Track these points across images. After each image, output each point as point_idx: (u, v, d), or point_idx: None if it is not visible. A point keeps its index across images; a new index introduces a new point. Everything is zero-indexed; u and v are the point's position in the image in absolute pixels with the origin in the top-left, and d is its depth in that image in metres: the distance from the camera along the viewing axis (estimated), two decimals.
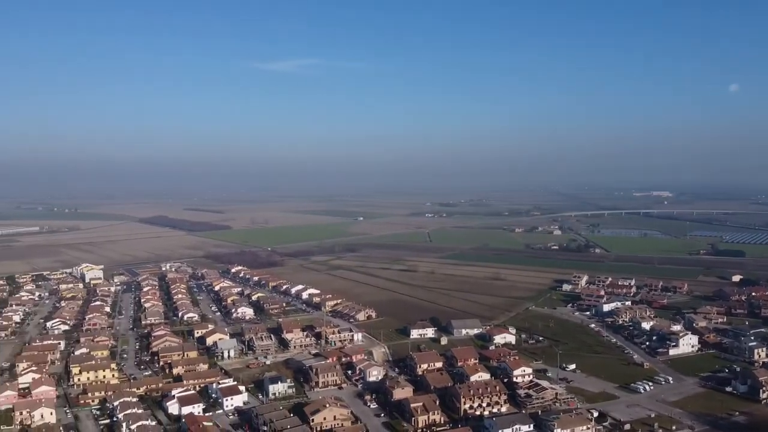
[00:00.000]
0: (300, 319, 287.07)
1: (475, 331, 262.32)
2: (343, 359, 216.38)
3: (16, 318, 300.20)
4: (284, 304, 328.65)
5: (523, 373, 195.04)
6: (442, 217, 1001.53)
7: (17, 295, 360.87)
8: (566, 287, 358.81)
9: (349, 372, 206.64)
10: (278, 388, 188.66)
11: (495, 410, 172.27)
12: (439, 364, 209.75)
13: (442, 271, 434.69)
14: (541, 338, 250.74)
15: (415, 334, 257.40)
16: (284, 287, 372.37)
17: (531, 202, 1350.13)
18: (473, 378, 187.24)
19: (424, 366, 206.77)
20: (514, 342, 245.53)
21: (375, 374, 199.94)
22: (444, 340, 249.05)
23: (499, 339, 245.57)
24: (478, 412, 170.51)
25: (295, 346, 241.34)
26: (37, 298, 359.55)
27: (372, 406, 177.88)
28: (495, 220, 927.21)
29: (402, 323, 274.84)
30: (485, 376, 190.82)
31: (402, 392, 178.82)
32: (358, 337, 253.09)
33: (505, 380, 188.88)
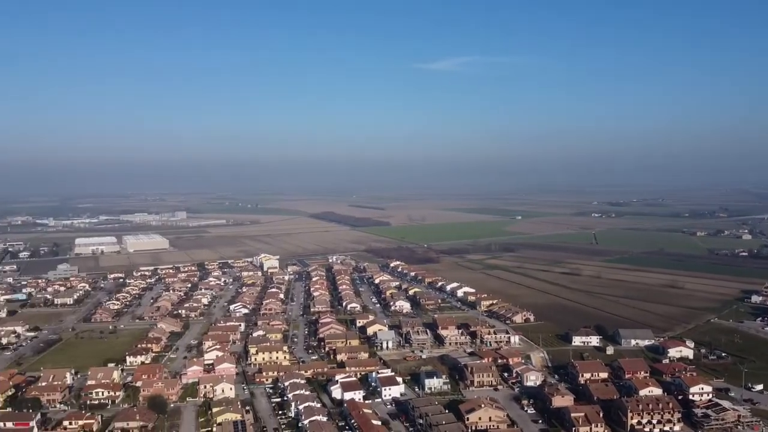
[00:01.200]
0: (455, 316, 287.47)
1: (646, 342, 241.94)
2: (499, 361, 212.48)
3: (205, 301, 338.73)
4: (439, 301, 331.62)
5: (700, 391, 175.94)
6: (610, 218, 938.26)
7: (206, 280, 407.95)
8: (756, 299, 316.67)
9: (505, 374, 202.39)
10: (434, 383, 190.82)
11: (666, 428, 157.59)
12: (603, 375, 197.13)
13: (609, 276, 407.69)
14: (723, 354, 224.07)
15: (577, 341, 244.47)
16: (439, 284, 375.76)
17: (717, 202, 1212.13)
18: (642, 392, 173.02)
19: (587, 375, 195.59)
20: (691, 356, 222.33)
21: (533, 379, 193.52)
22: (610, 350, 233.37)
23: (674, 352, 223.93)
24: (647, 429, 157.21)
25: (450, 343, 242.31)
26: (222, 284, 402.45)
27: (529, 411, 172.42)
28: (673, 222, 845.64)
29: (562, 329, 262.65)
30: (656, 391, 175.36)
31: (562, 400, 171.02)
32: (515, 339, 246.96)
33: (680, 397, 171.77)
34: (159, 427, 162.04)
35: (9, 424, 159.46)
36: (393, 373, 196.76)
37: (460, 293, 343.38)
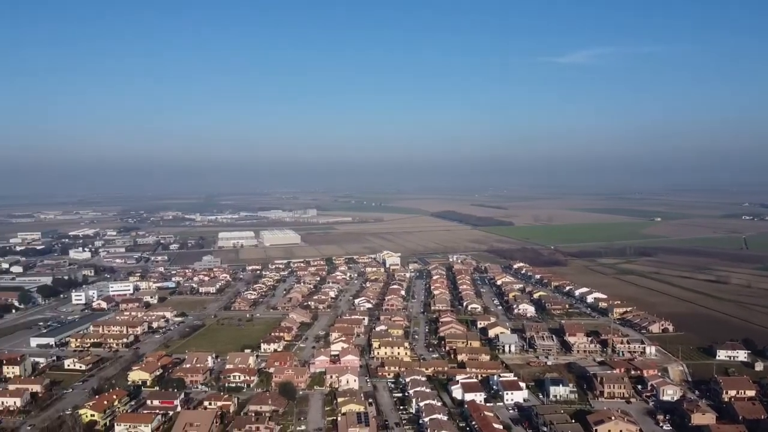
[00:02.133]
0: (584, 323, 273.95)
1: None
2: (633, 372, 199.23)
3: (332, 294, 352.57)
4: (567, 306, 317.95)
5: None
6: (764, 221, 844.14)
7: (333, 274, 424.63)
8: None
9: (639, 387, 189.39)
10: (559, 391, 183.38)
11: None
12: (751, 393, 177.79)
13: (761, 285, 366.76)
14: None
15: (722, 355, 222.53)
16: (567, 288, 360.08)
17: None
18: None
19: (732, 392, 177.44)
20: None
21: (670, 393, 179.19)
22: (759, 366, 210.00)
23: None
24: None
25: (578, 351, 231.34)
26: (348, 278, 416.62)
27: (665, 428, 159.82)
28: None
29: (705, 341, 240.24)
30: None
31: (703, 418, 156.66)
32: (650, 350, 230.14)
33: None
34: (289, 412, 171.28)
35: (156, 402, 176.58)
36: (516, 378, 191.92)
37: (590, 299, 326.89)
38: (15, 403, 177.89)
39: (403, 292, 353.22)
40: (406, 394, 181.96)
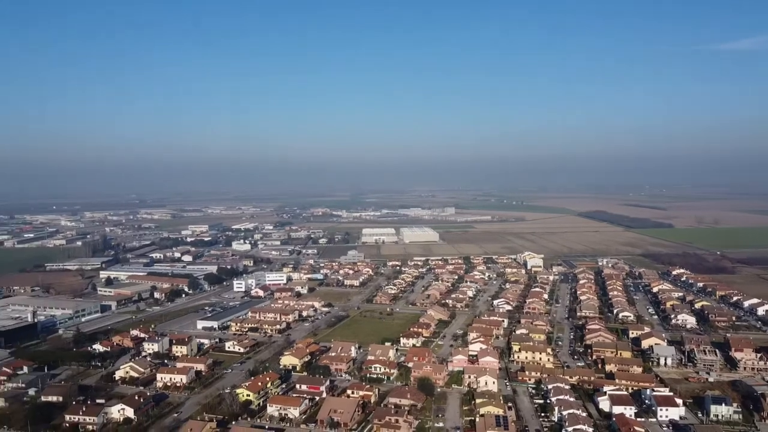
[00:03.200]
0: (753, 337, 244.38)
1: None
2: None
3: (470, 293, 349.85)
4: (734, 318, 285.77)
5: None
6: None
7: (471, 274, 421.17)
8: None
9: None
10: (721, 410, 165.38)
11: None
12: None
13: None
14: None
15: None
16: (734, 298, 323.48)
17: None
18: None
19: None
20: None
21: None
22: None
23: None
24: None
25: (744, 368, 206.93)
26: (486, 278, 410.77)
27: None
28: None
29: None
30: None
31: None
32: None
33: None
34: (427, 408, 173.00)
35: (304, 387, 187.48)
36: (671, 393, 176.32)
37: (761, 311, 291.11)
38: (181, 379, 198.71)
39: (545, 296, 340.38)
40: (548, 401, 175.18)
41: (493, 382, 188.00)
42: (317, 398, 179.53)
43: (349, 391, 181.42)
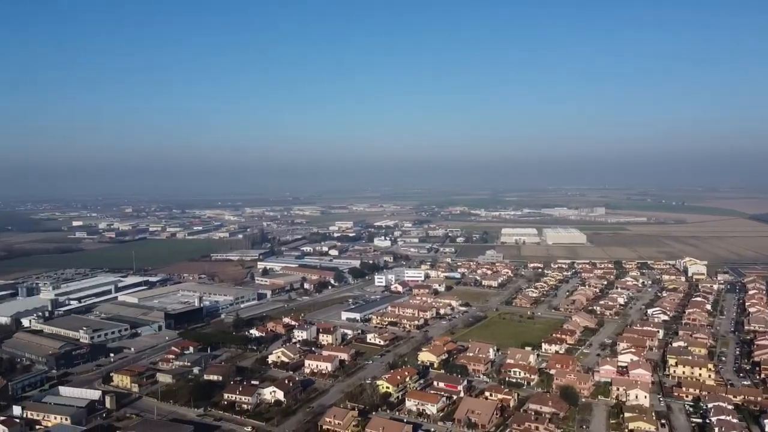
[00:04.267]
0: None
1: None
2: None
3: (621, 300, 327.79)
4: None
5: None
6: None
7: (623, 279, 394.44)
8: None
9: None
10: None
11: None
12: None
13: None
14: None
15: None
16: None
17: None
18: None
19: None
20: None
21: None
22: None
23: None
24: None
25: None
26: (640, 285, 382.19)
27: None
28: None
29: None
30: None
31: None
32: None
33: None
34: (570, 418, 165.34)
35: (441, 384, 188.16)
36: None
37: None
38: (327, 367, 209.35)
39: (708, 306, 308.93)
40: (707, 421, 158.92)
41: (645, 397, 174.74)
42: (454, 397, 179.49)
43: (487, 393, 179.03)
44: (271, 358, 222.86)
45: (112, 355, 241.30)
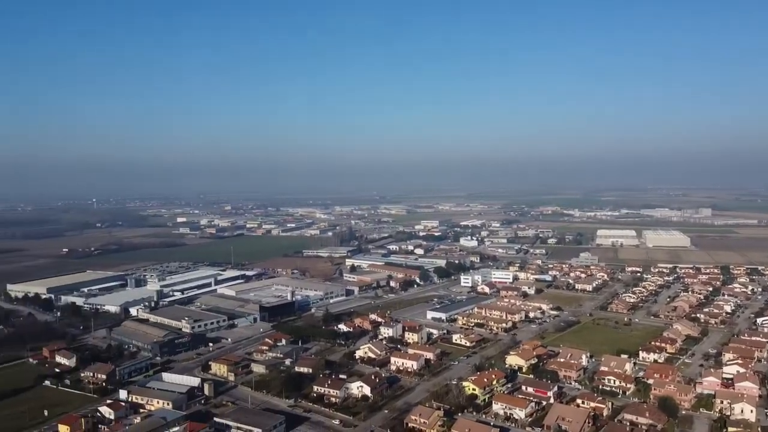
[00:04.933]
0: None
1: None
2: None
3: (727, 308, 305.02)
4: None
5: None
6: None
7: (730, 286, 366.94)
8: None
9: None
10: None
11: None
12: None
13: None
14: None
15: None
16: None
17: None
18: None
19: None
20: None
21: None
22: None
23: None
24: None
25: None
26: (749, 292, 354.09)
27: None
28: None
29: None
30: None
31: None
32: None
33: None
34: (668, 430, 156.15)
35: (530, 389, 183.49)
36: None
37: None
38: (412, 365, 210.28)
39: None
40: None
41: (751, 411, 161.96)
42: (544, 403, 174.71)
43: (578, 401, 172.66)
44: (358, 354, 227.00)
45: (210, 344, 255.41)
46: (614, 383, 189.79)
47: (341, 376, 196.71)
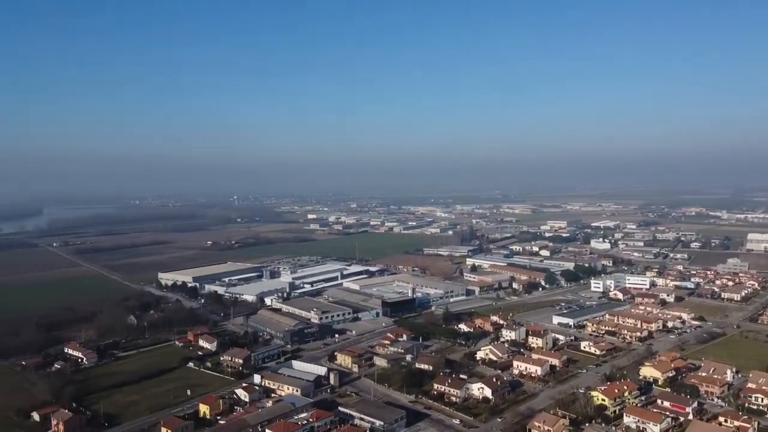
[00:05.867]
0: None
1: None
2: None
3: None
4: None
5: None
6: None
7: None
8: None
9: None
10: None
11: None
12: None
13: None
14: None
15: None
16: None
17: None
18: None
19: None
20: None
21: None
22: None
23: None
24: None
25: None
26: None
27: None
28: None
29: None
30: None
31: None
32: None
33: None
34: None
35: (666, 403, 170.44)
36: None
37: None
38: (536, 370, 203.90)
39: None
40: None
41: None
42: (681, 419, 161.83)
43: (721, 419, 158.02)
44: (479, 355, 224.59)
45: (336, 335, 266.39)
46: (762, 402, 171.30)
47: (462, 376, 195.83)
